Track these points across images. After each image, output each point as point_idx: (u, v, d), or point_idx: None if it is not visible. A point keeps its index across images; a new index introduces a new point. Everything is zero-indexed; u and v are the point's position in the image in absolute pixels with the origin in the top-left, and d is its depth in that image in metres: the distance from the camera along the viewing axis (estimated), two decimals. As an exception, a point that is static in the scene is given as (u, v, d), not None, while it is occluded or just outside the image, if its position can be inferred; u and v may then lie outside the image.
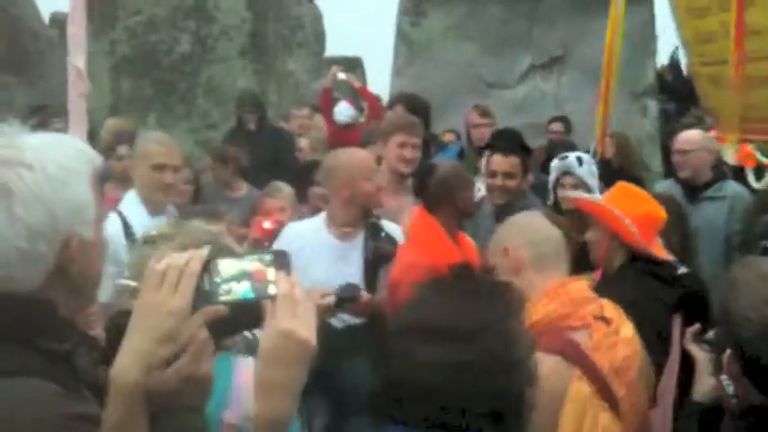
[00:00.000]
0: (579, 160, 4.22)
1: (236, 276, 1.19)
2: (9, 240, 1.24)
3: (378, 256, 3.49)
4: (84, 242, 1.31)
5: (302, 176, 5.42)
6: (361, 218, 3.57)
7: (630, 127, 7.48)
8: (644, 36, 8.40)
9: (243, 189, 5.43)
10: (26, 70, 12.69)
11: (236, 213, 4.78)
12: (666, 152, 6.35)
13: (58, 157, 1.31)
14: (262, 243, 3.82)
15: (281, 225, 3.92)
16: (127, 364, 1.17)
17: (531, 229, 2.42)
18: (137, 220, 3.49)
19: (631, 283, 2.91)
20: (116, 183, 4.55)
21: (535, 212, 2.64)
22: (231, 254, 1.23)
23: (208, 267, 1.19)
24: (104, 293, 1.84)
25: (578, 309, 2.24)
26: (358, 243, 3.53)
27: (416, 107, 5.37)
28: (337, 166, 3.58)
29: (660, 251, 3.06)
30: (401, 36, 9.03)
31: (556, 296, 2.24)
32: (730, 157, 4.16)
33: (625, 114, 7.58)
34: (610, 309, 2.29)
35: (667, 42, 8.61)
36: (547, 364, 2.05)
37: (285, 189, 4.65)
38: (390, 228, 3.64)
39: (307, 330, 1.19)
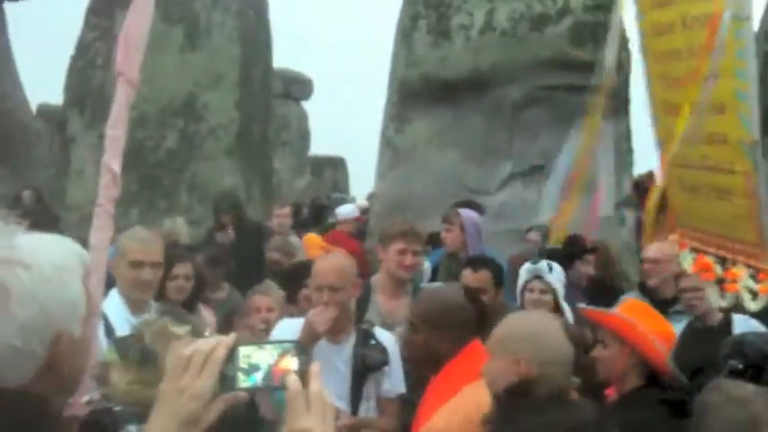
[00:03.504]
0: (550, 267, 4.23)
1: (257, 365, 1.23)
2: (3, 338, 1.26)
3: (365, 366, 3.41)
4: (73, 339, 1.33)
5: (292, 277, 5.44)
6: (344, 323, 3.46)
7: (608, 237, 7.60)
8: (620, 148, 8.64)
9: (224, 291, 5.43)
10: (12, 161, 12.77)
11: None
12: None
13: (53, 256, 1.34)
14: None
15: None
16: None
17: (546, 348, 2.31)
18: (118, 319, 3.40)
19: (646, 412, 2.74)
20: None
21: (552, 321, 2.48)
22: (255, 342, 1.25)
23: (231, 354, 1.23)
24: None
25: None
26: (347, 349, 3.44)
27: None
28: (312, 271, 3.53)
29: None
30: (385, 140, 9.19)
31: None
32: (688, 264, 4.11)
33: (602, 224, 7.71)
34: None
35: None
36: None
37: (276, 290, 4.67)
38: (383, 336, 3.54)
39: (322, 427, 1.20)
